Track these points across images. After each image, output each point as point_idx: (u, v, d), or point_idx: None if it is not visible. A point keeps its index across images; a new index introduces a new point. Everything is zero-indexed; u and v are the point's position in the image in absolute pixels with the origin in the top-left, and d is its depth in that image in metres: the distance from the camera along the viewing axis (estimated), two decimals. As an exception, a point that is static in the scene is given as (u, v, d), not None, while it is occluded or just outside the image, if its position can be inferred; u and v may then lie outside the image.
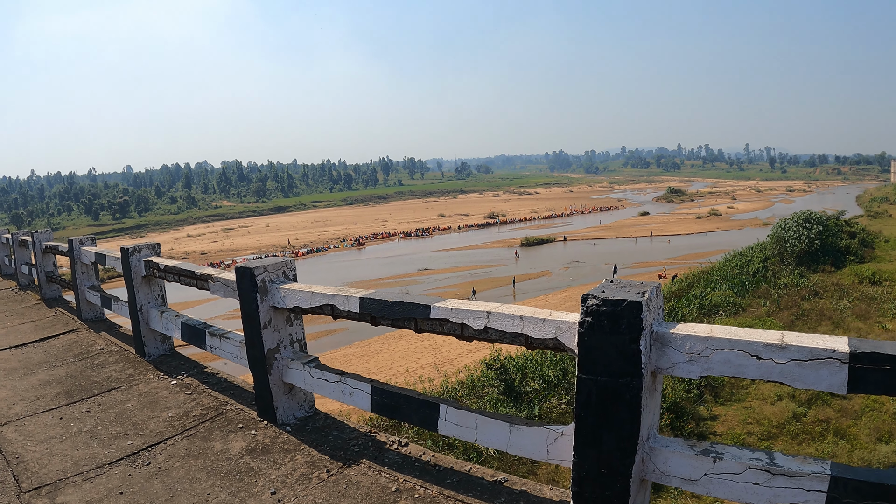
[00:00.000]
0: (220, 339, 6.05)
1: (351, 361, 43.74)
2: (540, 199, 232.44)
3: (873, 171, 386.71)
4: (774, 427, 27.36)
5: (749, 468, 2.84)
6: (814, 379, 2.66)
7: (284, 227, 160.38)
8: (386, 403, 4.31)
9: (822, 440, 26.23)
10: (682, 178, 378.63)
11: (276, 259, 5.16)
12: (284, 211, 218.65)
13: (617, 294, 2.94)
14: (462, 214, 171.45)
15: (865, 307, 45.29)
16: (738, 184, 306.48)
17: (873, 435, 26.41)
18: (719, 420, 28.46)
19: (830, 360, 2.61)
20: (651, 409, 3.09)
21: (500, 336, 3.49)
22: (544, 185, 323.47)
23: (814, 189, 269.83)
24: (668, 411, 26.93)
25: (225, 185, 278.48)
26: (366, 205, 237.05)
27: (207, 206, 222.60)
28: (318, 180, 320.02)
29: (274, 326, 5.06)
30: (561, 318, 3.27)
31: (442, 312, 3.75)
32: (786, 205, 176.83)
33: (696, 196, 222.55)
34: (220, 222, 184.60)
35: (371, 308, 4.20)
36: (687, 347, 2.89)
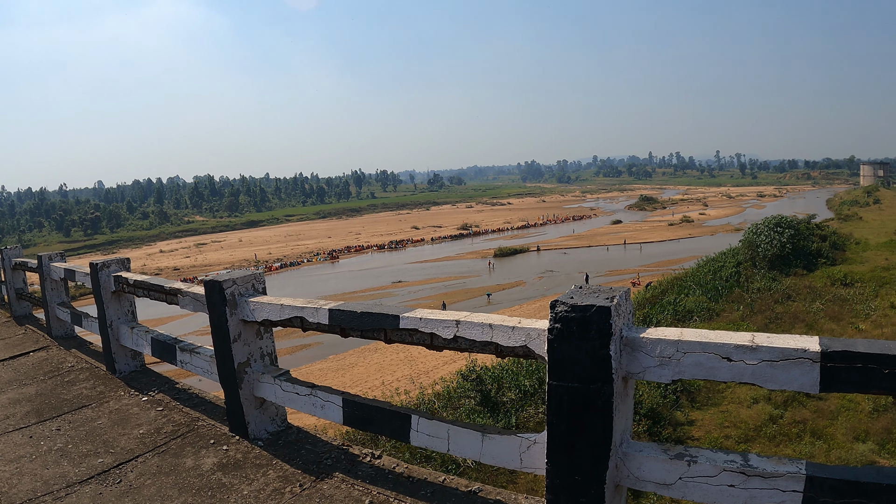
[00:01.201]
0: (191, 354, 5.99)
1: (326, 375, 43.59)
2: (513, 209, 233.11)
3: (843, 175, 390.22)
4: (751, 430, 27.44)
5: (724, 471, 2.82)
6: (786, 379, 2.65)
7: (257, 241, 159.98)
8: (358, 416, 4.27)
9: (799, 441, 26.33)
10: (653, 185, 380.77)
11: (245, 272, 5.12)
12: (257, 225, 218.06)
13: (586, 300, 2.92)
14: (435, 226, 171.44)
15: (838, 309, 45.60)
16: (710, 190, 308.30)
17: (850, 434, 26.54)
18: (696, 425, 28.52)
19: (802, 359, 2.61)
20: (623, 415, 3.07)
21: (470, 345, 3.46)
22: (517, 195, 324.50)
23: (784, 194, 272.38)
24: (645, 417, 26.94)
25: (197, 199, 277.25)
26: (339, 218, 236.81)
27: (180, 222, 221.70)
28: (291, 194, 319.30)
29: (244, 340, 5.01)
30: (530, 325, 3.25)
31: (411, 322, 3.72)
32: (757, 210, 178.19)
33: (668, 203, 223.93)
34: (193, 237, 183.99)
35: (340, 319, 4.16)
36: (657, 351, 2.87)
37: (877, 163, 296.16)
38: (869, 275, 55.47)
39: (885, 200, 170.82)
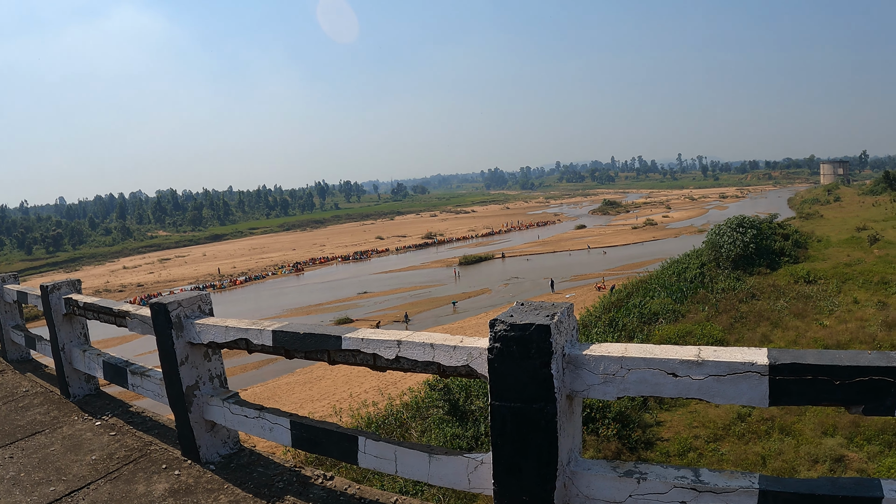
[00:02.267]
0: (142, 377, 5.89)
1: (294, 389, 43.44)
2: (477, 217, 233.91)
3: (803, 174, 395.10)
4: (720, 429, 27.50)
5: (674, 487, 2.76)
6: (734, 394, 2.60)
7: (222, 255, 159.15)
8: (306, 438, 4.19)
9: (768, 438, 26.43)
10: (616, 190, 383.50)
11: (191, 293, 5.03)
12: (221, 239, 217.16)
13: (525, 318, 2.86)
14: (400, 236, 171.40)
15: (802, 306, 45.96)
16: (672, 193, 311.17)
17: (818, 429, 26.66)
18: (665, 426, 28.56)
19: (749, 373, 2.56)
20: (569, 433, 3.00)
21: (412, 365, 3.39)
22: (481, 202, 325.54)
23: (746, 194, 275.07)
24: (614, 421, 26.94)
25: (160, 214, 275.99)
26: (303, 230, 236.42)
27: (143, 237, 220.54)
28: (255, 207, 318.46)
29: (191, 363, 4.92)
30: (472, 344, 3.18)
31: (353, 343, 3.65)
32: (720, 211, 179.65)
33: (631, 207, 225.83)
34: (157, 253, 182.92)
35: (284, 341, 4.09)
36: (601, 369, 2.81)
37: (836, 161, 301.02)
38: (832, 271, 56.06)
39: (846, 198, 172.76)
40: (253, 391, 42.95)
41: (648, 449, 26.24)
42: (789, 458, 24.33)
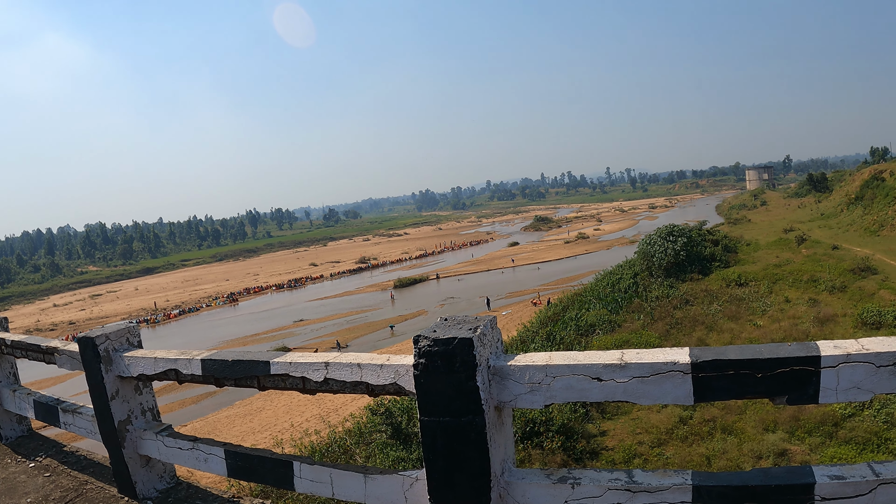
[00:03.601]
0: (73, 414, 5.76)
1: (234, 422, 42.97)
2: (410, 239, 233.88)
3: (730, 181, 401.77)
4: (663, 433, 27.70)
5: (609, 489, 2.77)
6: (658, 393, 2.63)
7: (154, 288, 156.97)
8: (241, 466, 4.14)
9: (710, 439, 26.69)
10: (547, 206, 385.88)
11: (119, 325, 4.93)
12: (153, 272, 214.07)
13: (448, 332, 2.86)
14: (333, 262, 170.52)
15: (735, 308, 46.68)
16: (603, 206, 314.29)
17: (759, 426, 27.01)
18: (609, 434, 28.69)
19: (673, 372, 2.59)
20: (501, 444, 3.00)
21: (341, 386, 3.37)
22: (413, 224, 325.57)
23: (675, 204, 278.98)
24: (557, 433, 27.00)
25: (90, 249, 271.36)
26: (236, 260, 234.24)
27: (73, 273, 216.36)
28: (186, 238, 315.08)
29: (122, 397, 4.83)
30: (399, 361, 3.18)
31: (282, 367, 3.62)
32: (650, 221, 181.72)
33: (563, 222, 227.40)
34: (88, 289, 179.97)
35: (213, 369, 4.04)
36: (527, 378, 2.82)
37: (761, 167, 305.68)
38: (762, 273, 56.96)
39: (772, 202, 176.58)
40: (193, 426, 42.39)
41: (594, 458, 26.38)
42: (733, 457, 24.60)
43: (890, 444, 24.54)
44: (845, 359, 2.43)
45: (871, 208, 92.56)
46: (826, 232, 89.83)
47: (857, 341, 2.51)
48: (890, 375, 2.41)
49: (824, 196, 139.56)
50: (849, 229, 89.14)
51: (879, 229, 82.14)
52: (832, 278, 51.44)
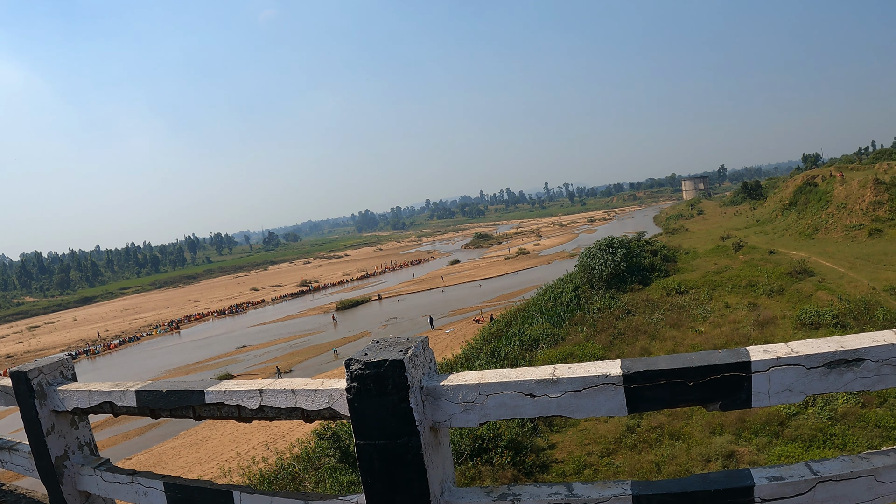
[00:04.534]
0: (10, 452, 5.56)
1: (180, 453, 42.43)
2: (351, 260, 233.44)
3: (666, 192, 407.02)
4: (612, 443, 27.85)
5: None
6: (592, 406, 2.63)
7: (94, 318, 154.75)
8: (181, 499, 4.06)
9: (659, 445, 26.90)
10: (487, 223, 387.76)
11: (52, 359, 4.82)
12: (92, 301, 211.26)
13: (379, 355, 2.84)
14: (275, 286, 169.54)
15: (677, 316, 47.30)
16: (542, 221, 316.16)
17: (706, 430, 27.31)
18: (558, 447, 28.75)
19: (605, 385, 2.60)
20: (439, 464, 2.99)
21: (276, 413, 3.33)
22: (354, 246, 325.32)
23: (613, 216, 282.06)
24: (506, 449, 27.03)
25: (26, 279, 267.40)
26: (175, 287, 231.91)
27: (9, 304, 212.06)
28: (124, 265, 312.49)
29: (58, 432, 4.71)
30: (332, 386, 3.15)
31: (217, 396, 3.57)
32: (589, 234, 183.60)
33: (503, 238, 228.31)
34: (25, 320, 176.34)
35: (148, 401, 3.97)
36: (460, 397, 2.81)
37: (697, 177, 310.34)
38: (701, 280, 57.81)
39: (708, 210, 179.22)
40: (138, 459, 41.81)
41: (544, 472, 26.43)
42: (682, 462, 24.84)
43: (835, 439, 25.09)
44: (775, 362, 2.47)
45: (805, 213, 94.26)
46: (762, 238, 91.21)
47: (787, 345, 2.55)
48: (821, 377, 2.45)
49: (759, 203, 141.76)
50: (784, 234, 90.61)
51: (814, 233, 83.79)
52: (770, 282, 52.30)
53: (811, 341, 2.53)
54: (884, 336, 2.48)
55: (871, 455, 2.64)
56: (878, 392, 27.18)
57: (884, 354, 2.42)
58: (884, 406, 27.09)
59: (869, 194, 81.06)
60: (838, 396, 27.58)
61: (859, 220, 78.15)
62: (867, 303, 41.65)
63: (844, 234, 77.56)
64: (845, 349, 2.45)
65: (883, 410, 26.69)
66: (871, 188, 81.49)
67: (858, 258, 60.97)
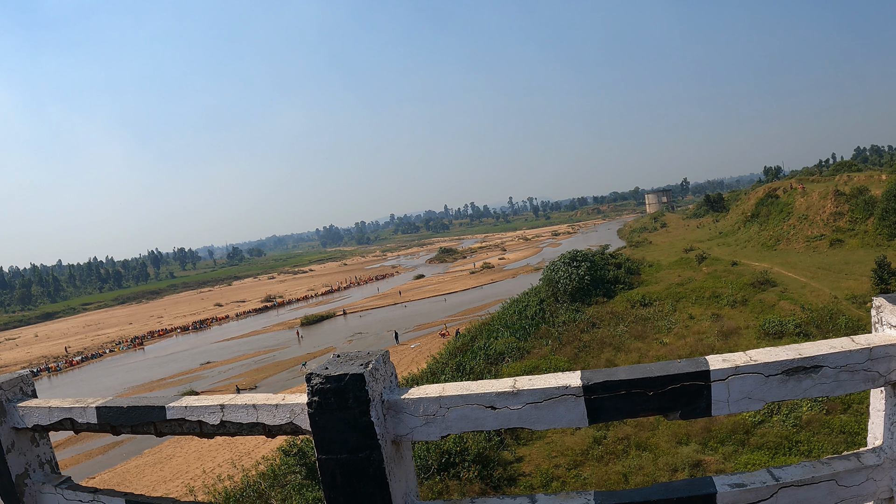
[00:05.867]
0: None
1: (144, 472, 42.00)
2: (315, 275, 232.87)
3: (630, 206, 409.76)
4: (579, 455, 27.88)
5: (512, 516, 2.79)
6: (553, 418, 2.65)
7: (55, 334, 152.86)
8: (142, 517, 4.04)
9: (626, 456, 26.97)
10: (452, 237, 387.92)
11: (12, 375, 4.78)
12: (53, 317, 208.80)
13: (340, 369, 2.84)
14: (239, 301, 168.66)
15: (641, 328, 47.65)
16: (507, 235, 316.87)
17: (672, 440, 27.46)
18: (525, 460, 28.76)
19: (565, 396, 2.62)
20: (401, 478, 2.99)
21: (238, 428, 3.32)
22: (318, 261, 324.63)
23: (578, 230, 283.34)
24: (474, 463, 26.99)
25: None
26: (139, 302, 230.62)
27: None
28: (87, 280, 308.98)
29: (18, 449, 4.64)
30: (294, 400, 3.15)
31: (178, 412, 3.54)
32: (554, 248, 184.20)
33: (467, 252, 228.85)
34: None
35: (109, 417, 3.93)
36: (421, 410, 2.82)
37: (660, 190, 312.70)
38: (665, 292, 58.30)
39: (671, 223, 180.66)
40: (101, 478, 41.32)
41: (512, 485, 26.43)
42: (650, 472, 24.93)
43: (800, 445, 25.34)
44: (734, 371, 2.51)
45: (766, 224, 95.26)
46: (725, 249, 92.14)
47: (746, 353, 2.61)
48: (779, 384, 2.51)
49: (722, 215, 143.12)
50: (746, 245, 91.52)
51: (776, 244, 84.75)
52: (733, 293, 52.80)
53: (769, 349, 2.59)
54: (841, 343, 2.53)
55: (833, 460, 2.68)
56: (843, 398, 27.56)
57: (841, 361, 2.47)
58: (848, 412, 27.42)
59: (829, 205, 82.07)
60: (802, 404, 27.86)
61: (820, 231, 79.09)
62: (830, 311, 42.13)
63: (806, 244, 78.50)
64: (803, 356, 2.50)
65: (847, 416, 27.01)
66: (832, 199, 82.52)
67: (820, 268, 61.69)
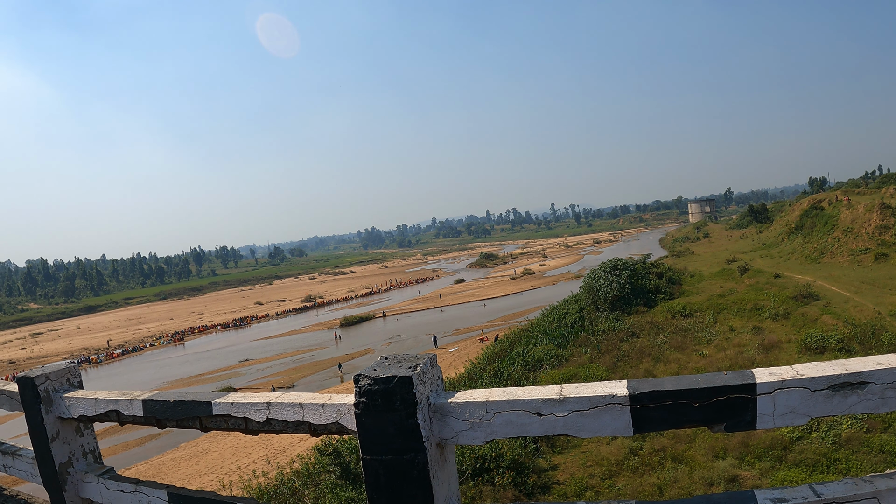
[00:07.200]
0: (13, 456, 5.59)
1: (180, 465, 42.25)
2: (356, 277, 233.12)
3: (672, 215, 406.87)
4: (614, 465, 27.60)
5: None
6: (598, 426, 2.65)
7: (97, 327, 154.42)
8: (184, 510, 4.08)
9: (661, 469, 26.64)
10: (493, 242, 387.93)
11: (59, 365, 4.85)
12: (96, 310, 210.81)
13: (388, 371, 2.87)
14: (279, 300, 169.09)
15: (681, 339, 47.10)
16: (548, 242, 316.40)
17: (709, 454, 27.08)
18: (560, 468, 28.54)
19: (611, 405, 2.62)
20: (444, 481, 3.01)
21: (283, 426, 3.35)
22: (359, 263, 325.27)
23: (619, 238, 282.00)
24: (508, 469, 26.86)
25: (31, 286, 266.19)
26: (180, 298, 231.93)
27: (13, 310, 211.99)
28: (129, 276, 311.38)
29: (63, 438, 4.74)
30: (340, 401, 3.17)
31: (224, 408, 3.59)
32: (595, 256, 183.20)
33: (508, 258, 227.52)
34: (28, 327, 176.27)
35: (155, 410, 3.99)
36: (467, 415, 2.84)
37: (703, 200, 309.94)
38: (706, 303, 57.65)
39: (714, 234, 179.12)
40: (137, 469, 41.58)
41: (546, 493, 26.22)
42: (685, 485, 24.62)
43: (839, 464, 24.84)
44: (780, 385, 2.49)
45: (811, 237, 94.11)
46: (768, 261, 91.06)
47: (792, 367, 2.58)
48: (825, 399, 2.48)
49: (765, 226, 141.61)
50: (790, 258, 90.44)
51: (820, 256, 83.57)
52: (775, 306, 52.09)
53: (816, 364, 2.56)
54: (888, 359, 2.51)
55: (875, 478, 2.66)
56: (883, 416, 27.07)
57: (888, 377, 2.44)
58: (888, 431, 26.91)
59: (875, 218, 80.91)
60: (842, 421, 27.44)
61: (865, 245, 77.97)
62: (873, 327, 41.51)
63: (850, 258, 77.37)
64: (850, 372, 2.47)
65: (887, 435, 26.51)
66: (878, 212, 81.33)
67: (864, 282, 60.84)
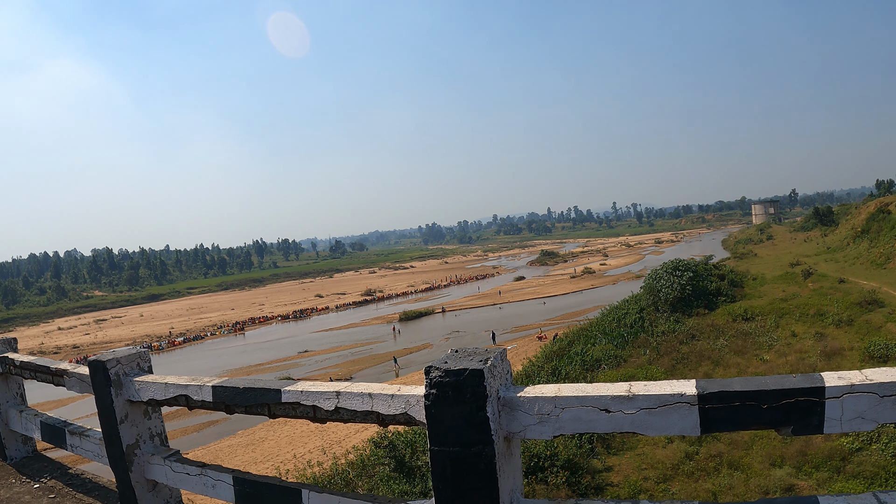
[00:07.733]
0: (81, 437, 5.75)
1: (236, 452, 42.67)
2: (416, 272, 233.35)
3: (735, 216, 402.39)
4: (669, 469, 27.42)
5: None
6: (665, 425, 2.65)
7: (159, 315, 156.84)
8: (248, 493, 4.13)
9: (717, 474, 26.41)
10: (554, 240, 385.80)
11: (130, 350, 4.96)
12: (158, 299, 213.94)
13: (459, 364, 2.89)
14: (339, 293, 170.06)
15: (741, 343, 46.48)
16: (609, 241, 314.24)
17: (766, 461, 26.80)
18: (614, 470, 28.40)
19: (679, 404, 2.61)
20: (509, 474, 3.02)
21: (352, 415, 3.39)
22: (419, 258, 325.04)
23: (681, 238, 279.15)
24: (562, 469, 26.78)
25: (96, 273, 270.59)
26: (241, 289, 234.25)
27: (78, 297, 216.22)
28: (192, 266, 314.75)
29: (131, 421, 4.84)
30: (409, 392, 3.20)
31: (293, 396, 3.63)
32: (656, 256, 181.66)
33: (569, 256, 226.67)
34: (93, 313, 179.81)
35: (224, 396, 4.06)
36: (536, 409, 2.85)
37: (767, 201, 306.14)
38: (768, 307, 56.87)
39: (778, 236, 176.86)
40: (194, 454, 41.94)
41: (599, 494, 26.08)
42: (740, 492, 24.33)
43: (898, 476, 24.46)
44: (849, 389, 2.47)
45: (877, 241, 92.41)
46: (832, 265, 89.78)
47: (861, 372, 2.55)
48: (893, 405, 2.44)
49: (830, 229, 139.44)
50: (855, 262, 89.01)
51: (886, 262, 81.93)
52: (839, 312, 51.28)
53: (886, 369, 2.52)
54: (960, 369, 2.47)
55: (941, 489, 2.63)
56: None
57: (960, 387, 2.41)
58: (954, 444, 26.47)
59: (944, 224, 79.45)
60: (903, 432, 26.98)
61: (933, 251, 76.63)
62: (938, 337, 40.77)
63: (918, 264, 76.12)
64: (921, 379, 2.44)
65: (953, 448, 26.09)
66: (947, 218, 79.86)
67: (931, 290, 59.80)
